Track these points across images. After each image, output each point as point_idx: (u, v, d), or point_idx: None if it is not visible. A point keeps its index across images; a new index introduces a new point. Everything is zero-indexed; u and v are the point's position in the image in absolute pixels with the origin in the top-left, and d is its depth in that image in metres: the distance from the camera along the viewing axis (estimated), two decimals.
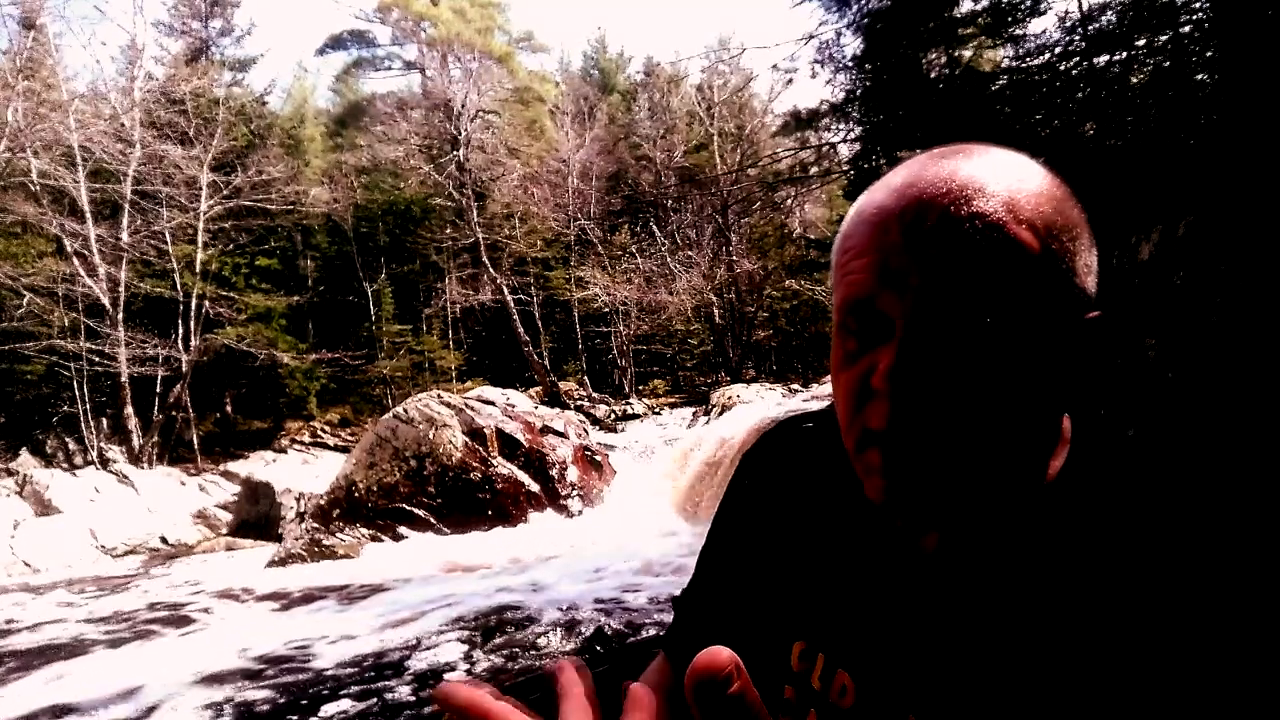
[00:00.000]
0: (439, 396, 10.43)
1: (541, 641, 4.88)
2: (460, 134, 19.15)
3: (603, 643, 4.65)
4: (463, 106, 19.14)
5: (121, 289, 15.33)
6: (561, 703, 0.44)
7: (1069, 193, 0.48)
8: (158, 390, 15.98)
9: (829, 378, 0.66)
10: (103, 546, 10.75)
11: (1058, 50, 7.54)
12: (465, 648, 5.03)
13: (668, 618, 5.17)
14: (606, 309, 19.95)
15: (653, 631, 4.94)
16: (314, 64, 49.11)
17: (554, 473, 9.70)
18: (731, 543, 0.69)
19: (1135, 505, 0.45)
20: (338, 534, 8.83)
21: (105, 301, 14.96)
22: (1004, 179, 0.45)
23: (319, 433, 18.66)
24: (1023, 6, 7.93)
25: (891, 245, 0.46)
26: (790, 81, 11.45)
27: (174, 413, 16.14)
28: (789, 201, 20.67)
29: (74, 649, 5.94)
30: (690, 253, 19.67)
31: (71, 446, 14.95)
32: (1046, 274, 0.44)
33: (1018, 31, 8.17)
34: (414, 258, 21.76)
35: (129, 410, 15.02)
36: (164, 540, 11.36)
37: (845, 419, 0.50)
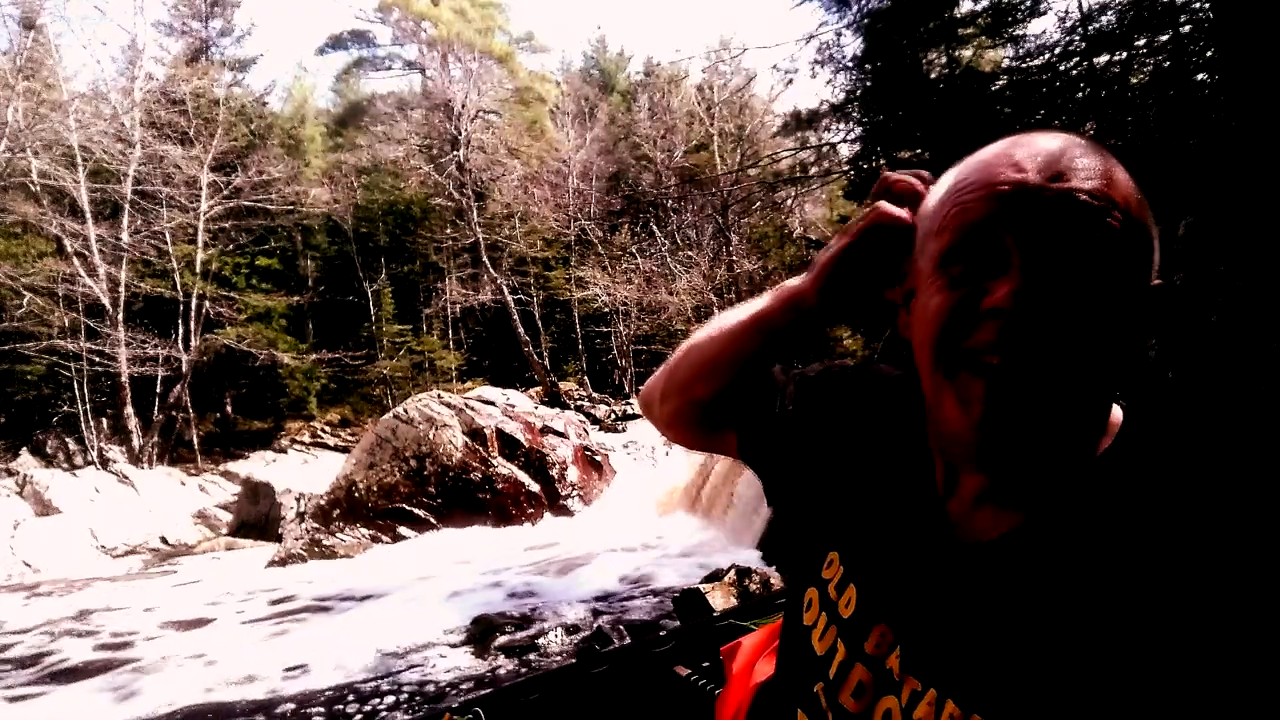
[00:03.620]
0: (439, 396, 10.43)
1: (542, 641, 4.88)
2: (460, 134, 19.14)
3: (603, 643, 4.64)
4: (463, 106, 19.13)
5: (121, 289, 15.33)
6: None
7: None
8: (158, 390, 15.98)
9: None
10: (103, 547, 10.75)
11: (1058, 50, 7.54)
12: (466, 648, 5.03)
13: (668, 616, 5.17)
14: (606, 309, 19.93)
15: (652, 631, 4.94)
16: (314, 64, 48.97)
17: (554, 473, 9.70)
18: (801, 451, 0.72)
19: (1197, 499, 0.46)
20: (338, 534, 8.82)
21: (105, 301, 14.96)
22: (1107, 154, 0.50)
23: (319, 433, 18.65)
24: (1023, 6, 7.93)
25: (1025, 191, 0.48)
26: (790, 81, 11.41)
27: (174, 413, 16.14)
28: (789, 202, 20.64)
29: (72, 650, 5.93)
30: (690, 253, 19.64)
31: (71, 446, 14.95)
32: (1144, 242, 0.49)
33: (1018, 31, 8.17)
34: (414, 258, 21.75)
35: (129, 410, 15.02)
36: (164, 540, 11.36)
37: (936, 344, 0.52)
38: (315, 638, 5.57)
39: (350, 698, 4.31)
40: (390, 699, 4.27)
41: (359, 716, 4.10)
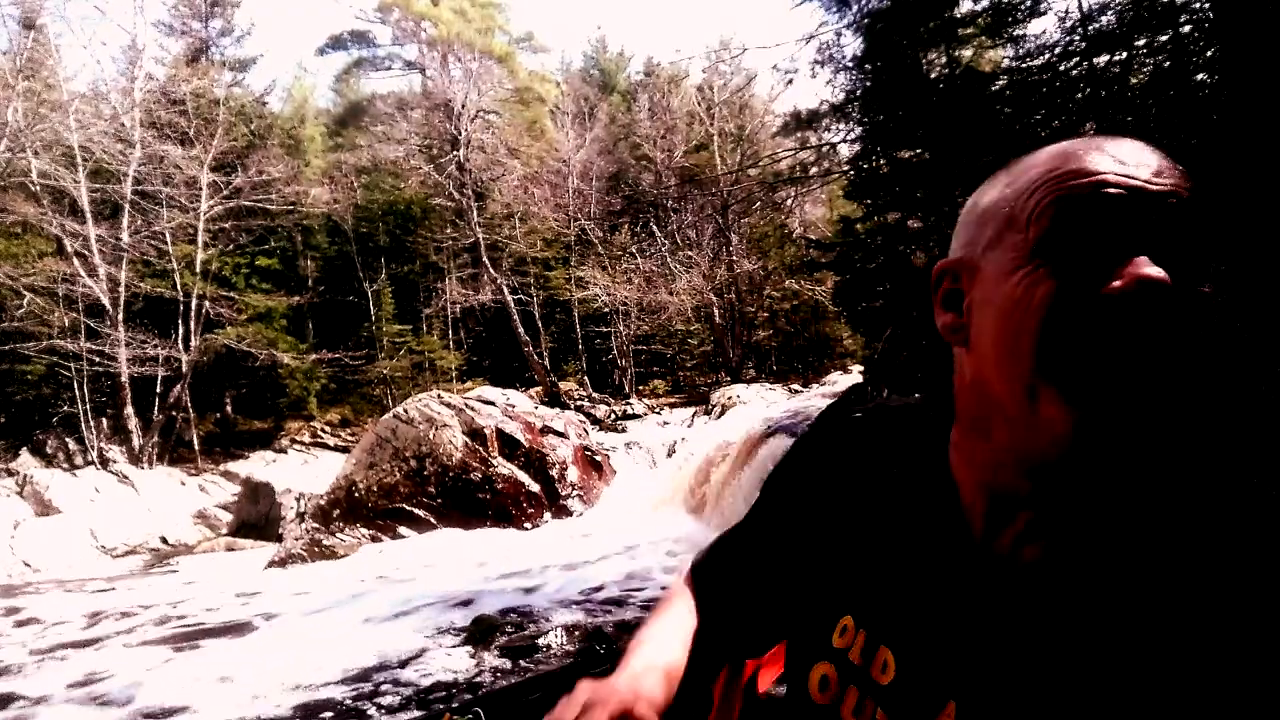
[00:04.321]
0: (439, 396, 10.43)
1: (542, 642, 4.88)
2: (460, 134, 19.14)
3: (603, 643, 4.64)
4: (463, 106, 19.13)
5: (121, 289, 15.33)
6: None
7: None
8: (158, 390, 15.98)
9: (831, 377, 0.65)
10: (103, 547, 10.75)
11: (1058, 50, 7.54)
12: (466, 649, 5.03)
13: None
14: (606, 309, 19.94)
15: None
16: (314, 64, 49.18)
17: (554, 473, 9.70)
18: (790, 509, 0.69)
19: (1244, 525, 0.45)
20: (338, 534, 8.83)
21: (105, 301, 14.96)
22: None
23: (319, 433, 18.65)
24: (1023, 6, 7.93)
25: (1134, 183, 0.47)
26: (790, 81, 11.44)
27: (174, 413, 16.14)
28: (789, 201, 20.67)
29: (71, 650, 5.93)
30: (690, 253, 19.65)
31: (71, 446, 14.95)
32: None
33: (1018, 32, 8.17)
34: (414, 258, 21.76)
35: (129, 410, 15.02)
36: (164, 540, 11.36)
37: (1041, 336, 0.47)
38: (315, 638, 5.57)
39: (350, 698, 4.31)
40: (390, 699, 4.26)
41: (359, 717, 4.10)
